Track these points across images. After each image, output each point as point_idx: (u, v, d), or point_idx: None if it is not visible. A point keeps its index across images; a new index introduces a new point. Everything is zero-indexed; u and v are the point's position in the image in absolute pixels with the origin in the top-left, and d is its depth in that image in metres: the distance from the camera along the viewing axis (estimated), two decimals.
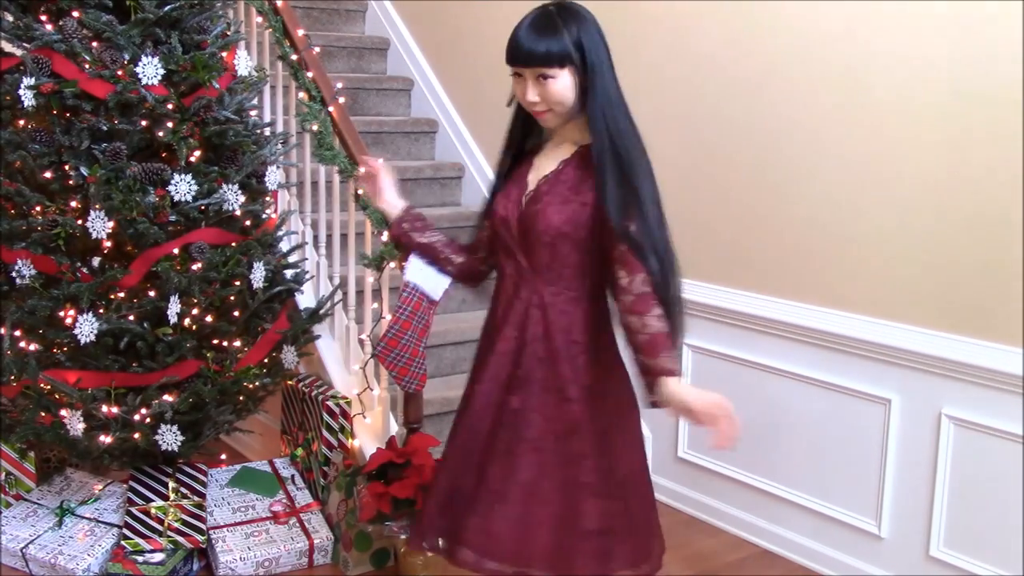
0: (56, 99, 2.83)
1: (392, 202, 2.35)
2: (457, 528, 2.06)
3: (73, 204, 2.87)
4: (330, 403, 3.31)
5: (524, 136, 2.14)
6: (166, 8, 2.90)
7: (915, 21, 2.80)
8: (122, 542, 2.93)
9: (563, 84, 1.95)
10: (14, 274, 2.87)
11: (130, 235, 2.84)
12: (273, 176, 3.17)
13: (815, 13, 3.05)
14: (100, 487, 3.25)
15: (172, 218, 2.88)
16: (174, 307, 2.86)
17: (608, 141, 1.94)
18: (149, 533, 2.96)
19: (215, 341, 3.08)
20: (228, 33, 3.13)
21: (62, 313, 2.84)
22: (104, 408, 2.84)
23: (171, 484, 3.14)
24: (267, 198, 3.21)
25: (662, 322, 1.91)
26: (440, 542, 2.12)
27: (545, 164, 2.08)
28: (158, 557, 2.91)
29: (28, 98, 2.80)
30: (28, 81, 2.79)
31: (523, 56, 1.94)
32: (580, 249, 1.99)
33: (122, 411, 2.86)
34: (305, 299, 3.50)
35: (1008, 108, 2.61)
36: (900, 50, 2.85)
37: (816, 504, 3.18)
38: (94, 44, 2.86)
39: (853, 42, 2.96)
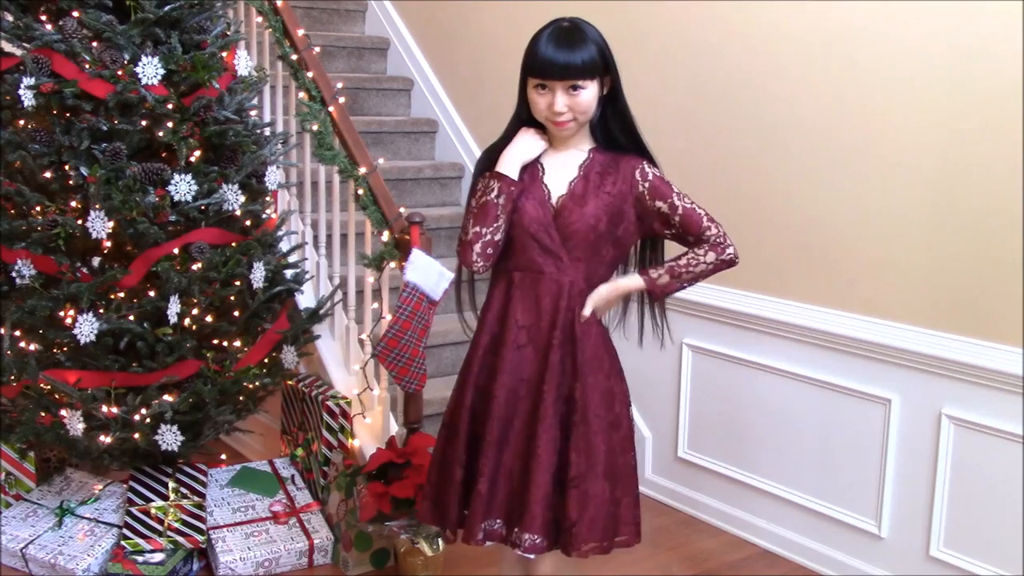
0: (56, 99, 2.83)
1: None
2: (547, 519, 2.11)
3: (73, 204, 2.87)
4: (330, 403, 3.31)
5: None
6: (166, 8, 2.90)
7: (915, 20, 2.80)
8: (122, 542, 2.93)
9: (591, 94, 2.07)
10: (14, 274, 2.87)
11: (130, 235, 2.84)
12: (273, 176, 3.17)
13: (815, 12, 3.05)
14: (100, 487, 3.25)
15: (172, 218, 2.88)
16: (174, 307, 2.87)
17: (635, 146, 2.16)
18: (149, 533, 2.96)
19: (215, 341, 3.08)
20: (228, 33, 3.13)
21: (62, 313, 2.84)
22: (104, 408, 2.84)
23: (171, 484, 3.15)
24: (267, 198, 3.21)
25: (721, 257, 2.17)
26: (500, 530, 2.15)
27: (560, 168, 2.16)
28: (158, 557, 2.91)
29: (28, 98, 2.80)
30: (28, 81, 2.79)
31: (560, 69, 2.02)
32: (616, 246, 2.16)
33: (122, 411, 2.86)
34: (305, 299, 3.50)
35: (1009, 108, 2.61)
36: (900, 49, 2.85)
37: (816, 504, 3.18)
38: (94, 44, 2.86)
39: (852, 42, 2.96)
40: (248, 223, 3.13)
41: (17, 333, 2.92)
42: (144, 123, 2.88)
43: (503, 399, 2.13)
